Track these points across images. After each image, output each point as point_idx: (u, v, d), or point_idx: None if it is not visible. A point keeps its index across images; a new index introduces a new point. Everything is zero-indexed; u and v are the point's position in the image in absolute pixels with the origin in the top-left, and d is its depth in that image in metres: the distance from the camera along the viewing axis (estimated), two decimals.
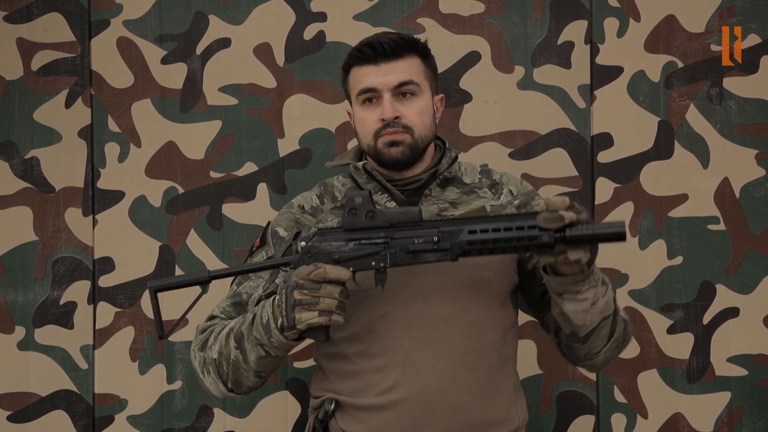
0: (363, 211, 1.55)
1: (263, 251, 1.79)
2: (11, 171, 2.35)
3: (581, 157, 2.33)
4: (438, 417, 1.64)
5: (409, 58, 1.73)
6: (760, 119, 2.32)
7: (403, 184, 1.76)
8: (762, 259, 2.31)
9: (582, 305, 1.59)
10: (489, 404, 1.67)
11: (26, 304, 2.33)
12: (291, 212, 1.82)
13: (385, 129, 1.71)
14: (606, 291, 1.61)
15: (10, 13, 2.36)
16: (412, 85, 1.72)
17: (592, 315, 1.60)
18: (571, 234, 1.47)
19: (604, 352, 1.67)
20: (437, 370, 1.65)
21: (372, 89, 1.71)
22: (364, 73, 1.72)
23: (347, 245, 1.55)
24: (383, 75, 1.70)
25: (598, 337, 1.64)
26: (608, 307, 1.62)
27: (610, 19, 2.33)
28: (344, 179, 1.84)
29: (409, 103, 1.72)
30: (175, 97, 2.35)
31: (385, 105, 1.70)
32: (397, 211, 1.55)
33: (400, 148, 1.71)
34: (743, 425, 2.30)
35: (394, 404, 1.65)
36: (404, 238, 1.54)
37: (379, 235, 1.55)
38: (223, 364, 1.66)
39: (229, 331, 1.67)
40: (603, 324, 1.62)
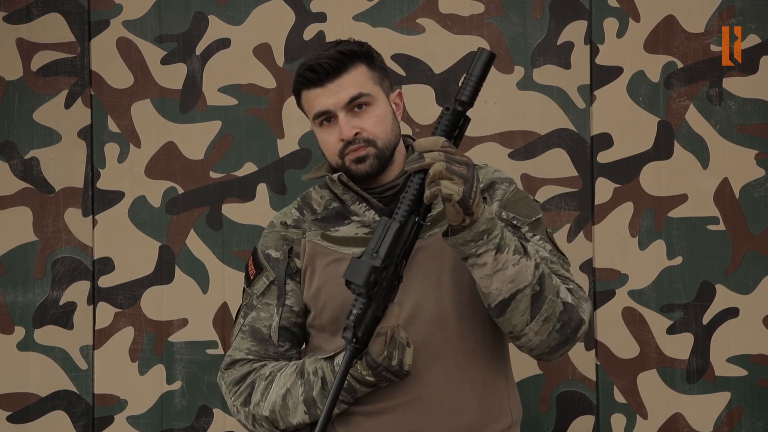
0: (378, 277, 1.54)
1: (263, 277, 1.76)
2: (11, 171, 2.35)
3: (581, 157, 2.33)
4: (435, 419, 1.64)
5: (353, 70, 1.69)
6: (759, 119, 2.32)
7: (381, 191, 1.74)
8: (762, 259, 2.31)
9: (484, 270, 1.55)
10: (485, 402, 1.68)
11: (26, 304, 2.33)
12: (275, 231, 1.79)
13: (347, 147, 1.69)
14: (519, 260, 1.56)
15: (9, 13, 2.36)
16: (364, 97, 1.69)
17: (498, 282, 1.56)
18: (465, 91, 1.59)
19: (534, 332, 1.60)
20: (432, 373, 1.65)
21: (326, 112, 1.69)
22: (313, 97, 1.70)
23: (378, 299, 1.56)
24: (332, 95, 1.68)
25: (515, 311, 1.58)
26: (521, 278, 1.56)
27: (609, 20, 2.33)
28: (321, 190, 1.81)
29: (365, 115, 1.69)
30: (174, 98, 2.35)
31: (342, 125, 1.68)
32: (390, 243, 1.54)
33: (368, 162, 1.69)
34: (743, 425, 2.30)
35: (390, 409, 1.65)
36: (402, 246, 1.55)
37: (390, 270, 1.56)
38: (279, 420, 1.67)
39: (285, 393, 1.66)
40: (518, 297, 1.57)
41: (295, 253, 1.76)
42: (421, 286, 1.66)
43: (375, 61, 1.74)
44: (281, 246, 1.77)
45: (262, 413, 1.67)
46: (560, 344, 1.63)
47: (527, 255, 1.58)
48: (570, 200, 2.32)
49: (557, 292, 1.61)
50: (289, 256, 1.76)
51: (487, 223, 1.53)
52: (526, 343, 1.63)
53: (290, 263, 1.75)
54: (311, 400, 1.63)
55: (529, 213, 1.73)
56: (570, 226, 2.31)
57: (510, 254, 1.56)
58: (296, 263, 1.75)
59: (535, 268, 1.58)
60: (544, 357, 1.67)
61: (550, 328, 1.61)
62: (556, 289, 1.61)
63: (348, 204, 1.75)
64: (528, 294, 1.57)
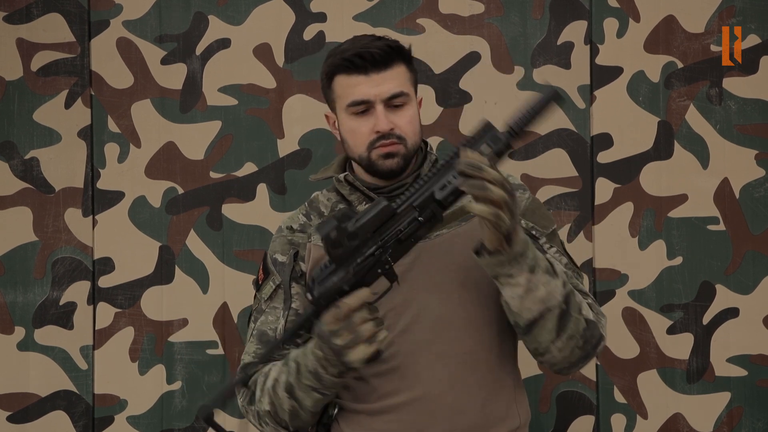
0: (342, 239, 1.52)
1: (270, 281, 1.77)
2: (11, 171, 2.35)
3: (581, 157, 2.33)
4: (439, 418, 1.64)
5: (397, 67, 1.70)
6: (759, 119, 2.32)
7: (389, 191, 1.75)
8: (762, 259, 2.31)
9: (516, 290, 1.55)
10: (490, 403, 1.67)
11: (26, 304, 2.33)
12: (282, 236, 1.80)
13: (379, 141, 1.68)
14: (550, 281, 1.56)
15: (9, 13, 2.36)
16: (403, 97, 1.69)
17: (530, 302, 1.56)
18: (516, 125, 1.49)
19: (558, 349, 1.61)
20: (436, 373, 1.65)
21: (366, 101, 1.68)
22: (353, 83, 1.69)
23: (348, 273, 1.53)
24: (375, 86, 1.67)
25: (543, 329, 1.59)
26: (551, 298, 1.56)
27: (609, 20, 2.33)
28: (328, 193, 1.82)
29: (401, 113, 1.70)
30: (174, 98, 2.35)
31: (380, 117, 1.67)
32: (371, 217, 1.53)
33: (396, 160, 1.69)
34: (743, 425, 2.30)
35: (394, 408, 1.65)
36: (391, 233, 1.53)
37: (368, 247, 1.53)
38: (279, 414, 1.66)
39: (274, 383, 1.66)
40: (547, 316, 1.57)
41: (300, 257, 1.76)
42: (427, 285, 1.66)
43: (412, 63, 1.75)
44: (287, 250, 1.78)
45: (264, 408, 1.67)
46: (581, 359, 1.65)
47: (556, 274, 1.58)
48: (570, 200, 2.32)
49: (580, 309, 1.61)
50: (295, 260, 1.76)
51: (522, 245, 1.52)
52: (549, 359, 1.64)
53: (295, 267, 1.76)
54: (290, 386, 1.62)
55: (546, 224, 1.74)
56: (570, 226, 2.31)
57: (541, 274, 1.55)
58: (301, 267, 1.76)
59: (563, 286, 1.58)
60: (564, 371, 1.69)
61: (573, 345, 1.62)
62: (579, 306, 1.62)
63: (354, 205, 1.76)
64: (556, 313, 1.58)
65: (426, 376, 1.65)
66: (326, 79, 1.74)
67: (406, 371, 1.65)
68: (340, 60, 1.69)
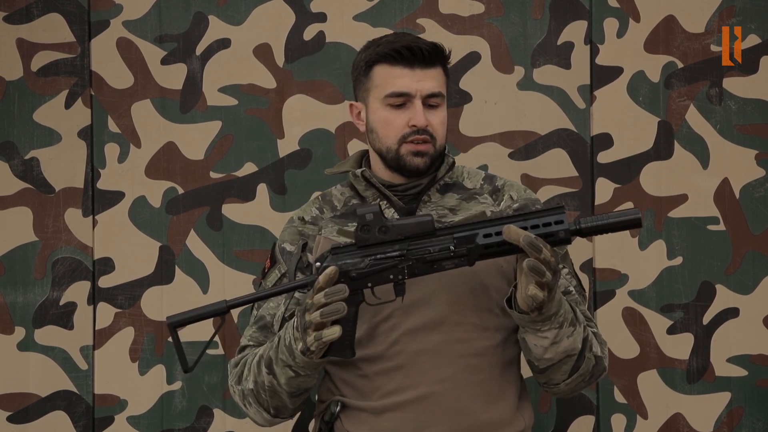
0: (375, 227, 1.54)
1: (276, 270, 1.78)
2: (11, 171, 2.35)
3: (581, 157, 2.33)
4: (441, 419, 1.65)
5: (438, 68, 1.73)
6: (759, 119, 2.32)
7: (403, 190, 1.76)
8: (762, 259, 2.31)
9: (542, 342, 1.60)
10: (493, 407, 1.68)
11: (26, 304, 2.33)
12: (293, 226, 1.82)
13: (413, 135, 1.70)
14: (573, 332, 1.61)
15: (9, 13, 2.36)
16: (440, 98, 1.73)
17: (552, 353, 1.61)
18: (587, 225, 1.49)
19: (566, 383, 1.68)
20: (440, 373, 1.65)
21: (406, 94, 1.69)
22: (396, 75, 1.70)
23: (363, 261, 1.54)
24: (417, 81, 1.69)
25: (558, 371, 1.65)
26: (573, 347, 1.62)
27: (609, 20, 2.33)
28: (342, 188, 1.84)
29: (435, 113, 1.72)
30: (174, 98, 2.35)
31: (418, 111, 1.69)
32: (410, 223, 1.54)
33: (424, 159, 1.72)
34: (743, 425, 2.30)
35: (397, 406, 1.66)
36: (420, 248, 1.53)
37: (393, 249, 1.54)
38: (261, 392, 1.66)
39: (259, 359, 1.66)
40: (565, 360, 1.63)
41: (309, 248, 1.78)
42: (436, 288, 1.66)
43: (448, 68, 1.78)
44: (297, 240, 1.79)
45: (248, 386, 1.68)
46: (581, 388, 1.73)
47: (578, 321, 1.63)
48: (570, 200, 2.32)
49: (591, 347, 1.67)
50: (303, 251, 1.77)
51: (556, 307, 1.56)
52: (554, 391, 1.71)
53: (302, 257, 1.77)
54: (269, 360, 1.63)
55: None
56: None
57: (567, 327, 1.59)
58: (308, 258, 1.77)
59: (583, 331, 1.64)
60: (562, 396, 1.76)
61: (580, 380, 1.68)
62: (590, 344, 1.66)
63: (369, 201, 1.77)
64: (573, 359, 1.63)
65: (430, 375, 1.65)
66: (365, 67, 1.74)
67: (411, 370, 1.66)
68: (388, 50, 1.70)
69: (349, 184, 1.83)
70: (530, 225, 1.50)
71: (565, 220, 1.51)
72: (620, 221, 1.50)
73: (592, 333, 1.70)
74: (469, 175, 1.83)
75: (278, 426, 2.28)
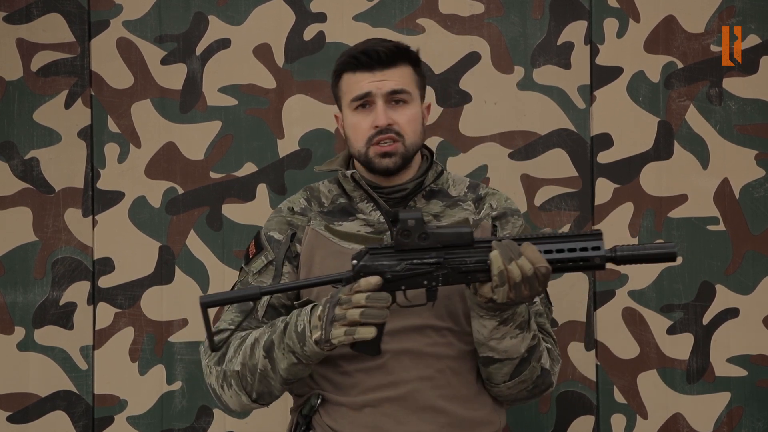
0: (416, 233, 1.56)
1: (262, 256, 1.79)
2: (11, 171, 2.35)
3: (581, 157, 2.33)
4: (420, 416, 1.68)
5: (402, 67, 1.75)
6: (759, 120, 2.32)
7: (388, 192, 1.78)
8: (762, 259, 2.31)
9: (482, 330, 1.63)
10: (471, 407, 1.72)
11: (26, 304, 2.33)
12: (281, 215, 1.83)
13: (377, 136, 1.73)
14: (518, 335, 1.63)
15: (9, 13, 2.36)
16: (404, 94, 1.74)
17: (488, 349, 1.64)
18: (622, 254, 1.54)
19: (507, 387, 1.70)
20: (420, 373, 1.68)
21: (367, 94, 1.73)
22: (358, 80, 1.74)
23: (399, 264, 1.56)
24: (377, 81, 1.72)
25: (498, 372, 1.67)
26: (515, 351, 1.64)
27: (609, 20, 2.33)
28: (330, 185, 1.85)
29: (401, 111, 1.74)
30: (174, 98, 2.35)
31: (379, 111, 1.72)
32: (450, 233, 1.57)
33: (393, 159, 1.74)
34: (743, 425, 2.30)
35: (377, 402, 1.68)
36: (456, 259, 1.56)
37: (431, 256, 1.56)
38: (247, 376, 1.66)
39: (254, 342, 1.66)
40: (506, 363, 1.65)
41: (297, 238, 1.79)
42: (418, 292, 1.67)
43: (420, 67, 1.81)
44: (285, 230, 1.80)
45: (234, 368, 1.67)
46: (525, 399, 1.74)
47: (528, 329, 1.65)
48: (570, 200, 2.32)
49: (540, 358, 1.69)
50: (291, 241, 1.78)
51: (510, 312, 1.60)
52: (496, 392, 1.73)
53: (291, 247, 1.78)
54: (270, 344, 1.63)
55: None
56: (570, 227, 2.31)
57: (511, 328, 1.62)
58: (297, 248, 1.78)
59: (531, 339, 1.66)
60: (506, 404, 1.78)
61: (522, 387, 1.71)
62: (540, 355, 1.69)
63: (356, 201, 1.79)
64: (515, 363, 1.66)
65: (410, 374, 1.68)
66: (335, 78, 1.80)
67: (392, 369, 1.68)
68: (347, 58, 1.76)
69: (337, 181, 1.85)
70: (567, 248, 1.55)
71: (602, 246, 1.55)
72: (655, 254, 1.54)
73: (546, 348, 1.73)
74: (454, 182, 1.86)
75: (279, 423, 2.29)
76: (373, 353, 1.59)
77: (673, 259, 1.54)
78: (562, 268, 1.56)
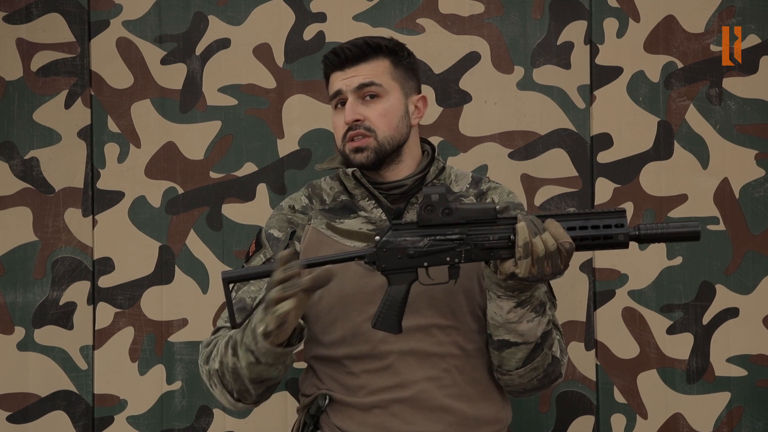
0: (439, 208, 1.55)
1: (261, 254, 1.79)
2: (11, 171, 2.35)
3: (581, 157, 2.33)
4: (427, 416, 1.67)
5: (374, 61, 1.75)
6: (759, 119, 2.32)
7: (388, 188, 1.78)
8: (761, 259, 2.31)
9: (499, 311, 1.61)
10: (478, 406, 1.71)
11: (26, 304, 2.33)
12: (282, 213, 1.83)
13: (349, 132, 1.74)
14: (534, 318, 1.62)
15: (9, 13, 2.36)
16: (374, 87, 1.73)
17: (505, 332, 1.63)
18: (646, 232, 1.52)
19: (519, 375, 1.68)
20: (427, 373, 1.68)
21: (338, 92, 1.75)
22: (333, 79, 1.78)
23: (422, 240, 1.55)
24: (348, 78, 1.74)
25: (513, 357, 1.66)
26: (532, 335, 1.63)
27: (609, 20, 2.33)
28: (332, 182, 1.85)
29: (372, 105, 1.74)
30: (174, 98, 2.35)
31: (347, 109, 1.74)
32: (473, 208, 1.55)
33: (365, 154, 1.74)
34: (743, 425, 2.30)
35: (385, 403, 1.67)
36: (479, 235, 1.54)
37: (454, 232, 1.55)
38: (225, 374, 1.65)
39: (228, 339, 1.65)
40: (521, 347, 1.64)
41: (297, 236, 1.79)
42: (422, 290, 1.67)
43: (401, 59, 1.79)
44: (285, 228, 1.80)
45: (214, 367, 1.67)
46: (535, 389, 1.73)
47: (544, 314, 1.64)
48: (570, 200, 2.32)
49: (551, 345, 1.68)
50: (291, 239, 1.78)
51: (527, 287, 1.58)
52: (507, 381, 1.71)
53: (290, 245, 1.78)
54: (235, 341, 1.61)
55: None
56: None
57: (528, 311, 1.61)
58: (296, 246, 1.78)
59: (546, 324, 1.65)
60: (514, 395, 1.76)
61: (534, 375, 1.69)
62: (552, 342, 1.68)
63: (357, 199, 1.79)
64: (530, 347, 1.65)
65: (417, 375, 1.68)
66: (325, 81, 1.83)
67: (398, 369, 1.68)
68: (323, 59, 1.80)
69: (338, 178, 1.84)
70: (591, 225, 1.53)
71: (626, 224, 1.53)
72: (680, 232, 1.52)
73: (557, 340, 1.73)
74: (457, 177, 1.85)
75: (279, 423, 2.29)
76: (393, 330, 1.57)
77: (697, 237, 1.52)
78: (585, 245, 1.54)
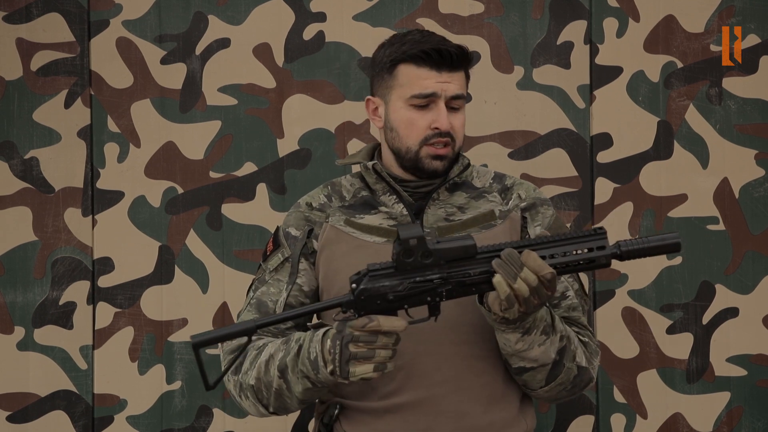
0: (418, 252, 1.50)
1: (279, 253, 1.78)
2: (10, 171, 2.35)
3: (581, 157, 2.33)
4: (442, 420, 1.65)
5: (462, 72, 1.73)
6: (759, 119, 2.32)
7: (414, 186, 1.76)
8: (761, 259, 2.31)
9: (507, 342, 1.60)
10: (495, 409, 1.68)
11: (25, 304, 2.33)
12: (299, 211, 1.81)
13: (435, 138, 1.70)
14: (545, 341, 1.60)
15: (9, 13, 2.36)
16: (461, 100, 1.73)
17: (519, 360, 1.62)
18: (626, 249, 1.51)
19: (545, 391, 1.67)
20: (441, 375, 1.65)
21: (432, 95, 1.69)
22: (423, 76, 1.69)
23: (401, 284, 1.51)
24: (443, 83, 1.69)
25: (533, 379, 1.65)
26: (546, 357, 1.61)
27: (609, 20, 2.33)
28: (352, 179, 1.83)
29: (457, 116, 1.73)
30: (174, 98, 2.35)
31: (442, 114, 1.69)
32: (452, 247, 1.51)
33: (443, 162, 1.72)
34: (743, 425, 2.30)
35: (397, 407, 1.65)
36: (460, 272, 1.52)
37: (433, 272, 1.51)
38: (263, 390, 1.64)
39: (268, 358, 1.64)
40: (538, 369, 1.63)
41: (314, 234, 1.77)
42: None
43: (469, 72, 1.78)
44: (302, 226, 1.79)
45: (249, 382, 1.66)
46: (566, 397, 1.71)
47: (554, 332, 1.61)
48: (570, 200, 2.32)
49: (574, 357, 1.66)
50: (308, 237, 1.77)
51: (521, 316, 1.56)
52: (535, 396, 1.71)
53: (307, 243, 1.77)
54: (284, 365, 1.60)
55: None
56: (570, 226, 2.31)
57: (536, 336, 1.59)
58: (314, 244, 1.77)
59: (559, 341, 1.62)
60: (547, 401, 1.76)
61: (560, 389, 1.68)
62: (574, 354, 1.66)
63: (378, 194, 1.77)
64: (547, 368, 1.63)
65: (432, 377, 1.65)
66: (389, 64, 1.72)
67: (412, 371, 1.66)
68: (416, 50, 1.69)
69: (359, 175, 1.82)
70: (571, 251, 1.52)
71: (607, 245, 1.52)
72: (660, 245, 1.51)
73: (581, 343, 1.69)
74: (479, 174, 1.83)
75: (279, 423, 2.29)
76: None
77: (678, 249, 1.51)
78: (566, 270, 1.52)
